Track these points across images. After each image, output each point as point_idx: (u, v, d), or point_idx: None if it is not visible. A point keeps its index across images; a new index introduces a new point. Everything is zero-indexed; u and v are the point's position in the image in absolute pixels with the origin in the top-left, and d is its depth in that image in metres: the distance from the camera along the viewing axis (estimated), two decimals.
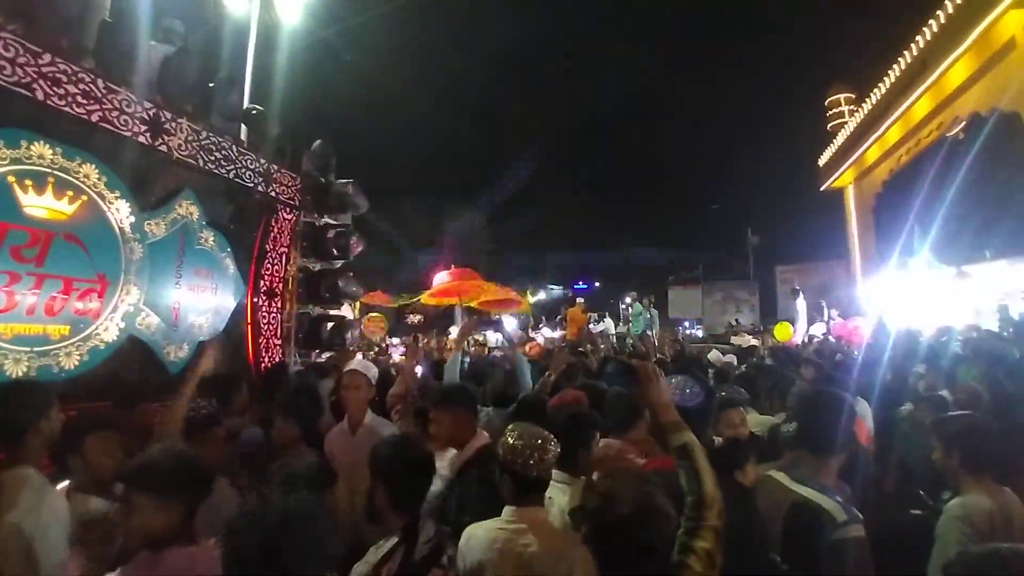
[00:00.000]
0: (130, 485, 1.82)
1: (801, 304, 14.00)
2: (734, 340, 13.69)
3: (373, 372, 3.77)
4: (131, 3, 4.41)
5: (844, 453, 2.29)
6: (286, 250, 5.92)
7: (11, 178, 3.30)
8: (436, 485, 2.51)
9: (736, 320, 22.34)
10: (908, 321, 8.74)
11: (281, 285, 5.88)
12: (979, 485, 2.38)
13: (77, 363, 3.65)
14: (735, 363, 7.29)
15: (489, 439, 2.88)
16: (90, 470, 2.43)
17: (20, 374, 3.28)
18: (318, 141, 6.36)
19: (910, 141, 14.39)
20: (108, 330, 3.90)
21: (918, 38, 12.50)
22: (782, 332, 11.70)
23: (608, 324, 14.55)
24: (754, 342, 12.55)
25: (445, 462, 2.88)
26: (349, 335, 6.70)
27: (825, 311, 14.04)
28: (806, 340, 11.89)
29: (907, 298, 11.05)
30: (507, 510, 2.08)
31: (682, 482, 1.74)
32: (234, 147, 5.11)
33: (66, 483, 2.38)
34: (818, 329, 13.02)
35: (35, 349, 3.40)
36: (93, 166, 3.79)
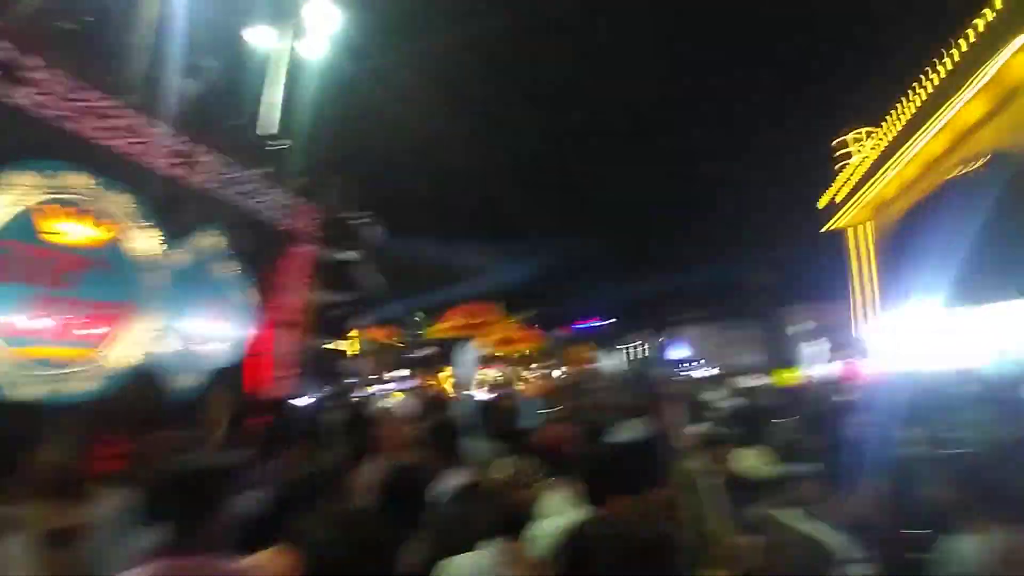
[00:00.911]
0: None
1: (811, 345, 14.01)
2: (738, 379, 13.65)
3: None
4: (168, 44, 4.63)
5: (865, 494, 2.34)
6: (303, 282, 6.06)
7: (48, 206, 3.45)
8: None
9: (741, 360, 22.26)
10: (921, 363, 8.70)
11: (297, 316, 6.00)
12: (984, 524, 2.42)
13: (96, 385, 3.74)
14: (734, 405, 7.33)
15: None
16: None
17: (42, 396, 3.36)
18: (339, 177, 6.55)
19: (922, 181, 14.46)
20: (128, 355, 4.00)
21: (931, 77, 12.64)
22: (788, 377, 11.70)
23: (619, 360, 14.51)
24: (756, 382, 12.51)
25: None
26: (360, 367, 6.80)
27: (825, 351, 14.01)
28: (811, 380, 11.87)
29: (917, 337, 10.95)
30: (488, 542, 2.13)
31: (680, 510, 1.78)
32: (259, 181, 5.29)
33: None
34: (825, 369, 13.00)
35: (57, 372, 3.49)
36: (126, 196, 3.96)
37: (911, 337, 11.07)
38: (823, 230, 20.61)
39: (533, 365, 12.97)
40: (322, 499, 2.32)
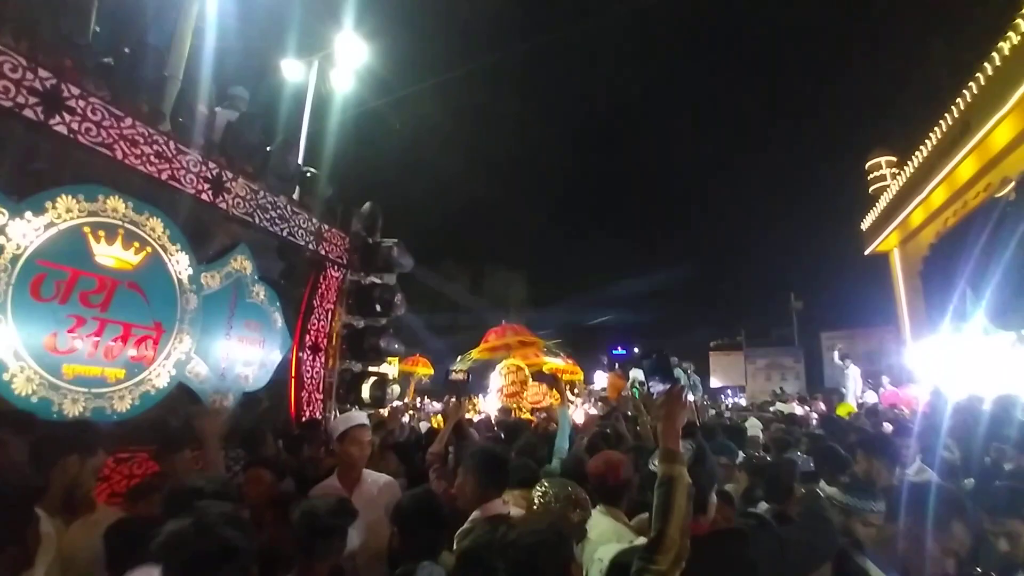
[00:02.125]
0: None
1: (853, 371, 13.49)
2: (779, 406, 13.22)
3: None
4: (201, 73, 4.80)
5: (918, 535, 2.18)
6: (332, 306, 6.08)
7: (87, 229, 3.55)
8: None
9: (780, 388, 21.58)
10: (967, 389, 8.34)
11: (325, 341, 6.01)
12: None
13: (129, 406, 3.77)
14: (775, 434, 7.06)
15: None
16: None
17: (77, 414, 3.41)
18: (367, 203, 6.62)
19: (956, 203, 14.11)
20: (160, 376, 4.04)
21: (959, 100, 12.49)
22: (844, 410, 11.28)
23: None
24: (799, 410, 12.08)
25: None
26: (389, 393, 6.73)
27: (869, 379, 13.46)
28: (859, 408, 11.40)
29: (962, 365, 10.57)
30: None
31: (651, 516, 1.60)
32: (288, 206, 5.36)
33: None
34: (870, 398, 12.51)
35: (92, 390, 3.54)
36: (159, 220, 4.03)
37: (961, 364, 10.65)
38: (866, 253, 20.10)
39: (575, 391, 12.76)
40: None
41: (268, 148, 5.29)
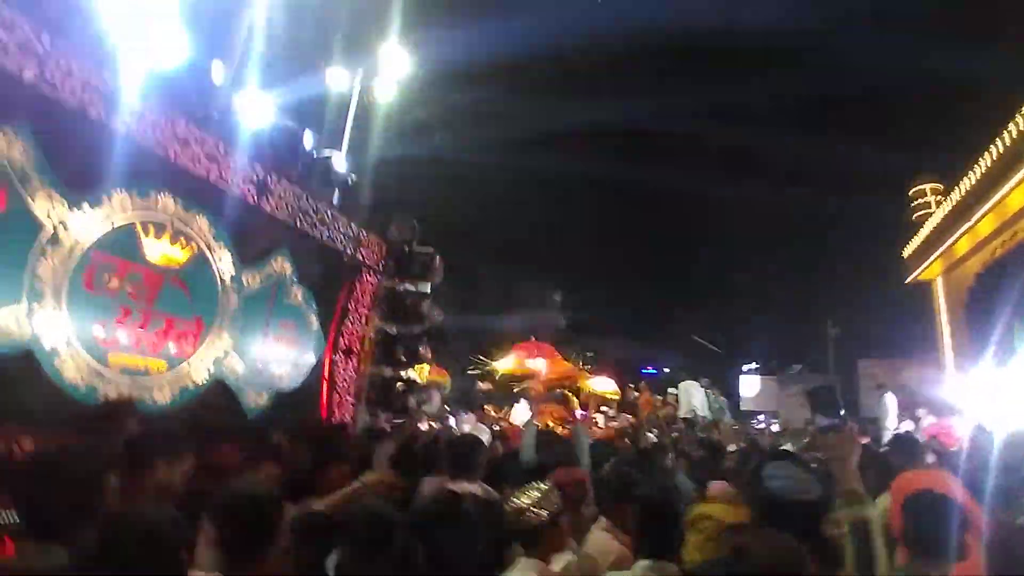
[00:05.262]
0: None
1: (891, 400, 13.03)
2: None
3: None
4: (247, 79, 4.95)
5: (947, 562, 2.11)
6: (366, 312, 6.18)
7: (138, 225, 3.69)
8: None
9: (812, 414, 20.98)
10: (1011, 424, 8.01)
11: (359, 345, 6.09)
12: None
13: (169, 398, 3.89)
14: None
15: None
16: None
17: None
18: (404, 212, 6.73)
19: (1005, 233, 13.61)
20: (199, 371, 4.15)
21: (1011, 127, 12.10)
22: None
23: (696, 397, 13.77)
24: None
25: None
26: (416, 399, 6.77)
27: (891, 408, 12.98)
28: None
29: (1005, 398, 10.17)
30: (521, 560, 2.08)
31: (847, 562, 1.52)
32: (328, 212, 5.48)
33: None
34: (906, 428, 12.07)
35: (135, 380, 3.66)
36: (206, 219, 4.18)
37: (1006, 397, 10.24)
38: (907, 281, 19.52)
39: (603, 408, 12.64)
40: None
41: (311, 154, 5.42)
